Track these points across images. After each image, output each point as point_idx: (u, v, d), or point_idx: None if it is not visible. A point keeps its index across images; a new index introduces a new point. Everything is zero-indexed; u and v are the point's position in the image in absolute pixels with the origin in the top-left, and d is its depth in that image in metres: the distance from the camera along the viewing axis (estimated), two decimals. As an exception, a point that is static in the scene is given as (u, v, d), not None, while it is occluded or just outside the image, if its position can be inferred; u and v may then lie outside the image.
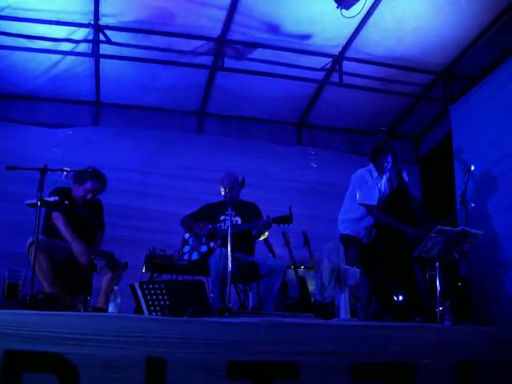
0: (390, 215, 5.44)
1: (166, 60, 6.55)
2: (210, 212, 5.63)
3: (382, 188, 5.69)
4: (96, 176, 5.09)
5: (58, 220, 4.84)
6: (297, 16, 5.93)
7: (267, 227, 5.34)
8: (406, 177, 5.66)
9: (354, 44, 6.35)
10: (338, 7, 5.42)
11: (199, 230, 5.50)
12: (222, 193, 5.51)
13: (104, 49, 6.27)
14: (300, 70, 6.77)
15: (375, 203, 5.52)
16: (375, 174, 5.67)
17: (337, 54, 6.59)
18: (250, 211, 5.61)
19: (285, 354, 3.15)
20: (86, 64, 6.62)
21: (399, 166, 5.67)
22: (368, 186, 5.58)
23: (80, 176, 4.99)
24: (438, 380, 3.33)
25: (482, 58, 6.41)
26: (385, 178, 5.74)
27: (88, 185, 5.05)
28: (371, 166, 5.72)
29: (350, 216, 5.65)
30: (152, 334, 3.02)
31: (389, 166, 5.66)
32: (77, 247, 4.77)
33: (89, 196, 5.08)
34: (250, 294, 5.92)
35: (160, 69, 6.71)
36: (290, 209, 5.12)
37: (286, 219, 5.18)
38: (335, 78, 6.87)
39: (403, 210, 5.43)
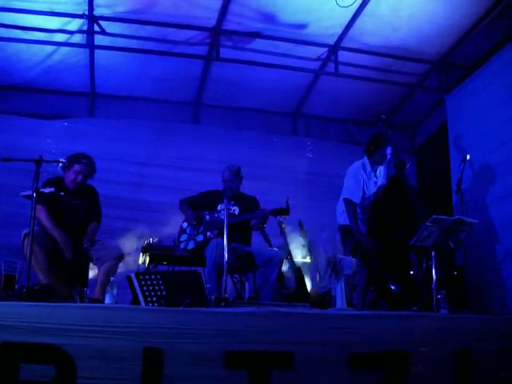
0: (387, 206, 5.45)
1: (161, 50, 6.52)
2: (210, 199, 5.63)
3: (379, 179, 5.69)
4: (83, 158, 5.07)
5: (41, 213, 4.82)
6: (292, 5, 5.91)
7: (264, 219, 5.35)
8: (409, 169, 5.65)
9: (350, 33, 6.32)
10: (333, -4, 5.41)
11: (190, 217, 5.51)
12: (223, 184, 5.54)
13: (99, 39, 6.25)
14: (296, 60, 6.75)
15: (357, 201, 5.52)
16: (369, 168, 5.66)
17: (332, 43, 6.57)
18: (249, 203, 5.62)
19: (281, 343, 3.17)
20: (81, 55, 6.58)
21: (402, 159, 5.64)
22: (357, 182, 5.58)
23: (67, 162, 4.97)
24: (435, 368, 3.35)
25: (478, 47, 6.40)
26: (382, 168, 5.73)
27: (76, 167, 5.04)
28: (365, 159, 5.71)
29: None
30: (149, 325, 3.04)
31: (389, 156, 5.64)
32: (61, 241, 4.79)
33: (79, 178, 5.05)
34: (247, 284, 5.92)
35: (155, 59, 6.67)
36: (287, 201, 5.13)
37: (283, 211, 5.19)
38: (331, 67, 6.85)
39: (400, 201, 5.44)
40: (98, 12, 5.96)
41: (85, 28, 6.11)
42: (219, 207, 5.53)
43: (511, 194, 5.69)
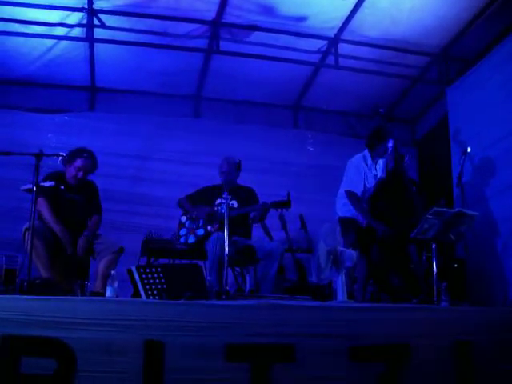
0: (386, 199, 5.44)
1: (161, 44, 6.50)
2: (207, 195, 5.63)
3: (379, 173, 5.68)
4: (85, 154, 5.07)
5: (42, 206, 4.82)
6: (292, -2, 5.90)
7: (265, 211, 5.35)
8: (408, 162, 5.64)
9: (350, 26, 6.31)
10: (333, -11, 5.39)
11: (196, 211, 5.50)
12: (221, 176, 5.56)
13: (98, 33, 6.24)
14: (296, 53, 6.74)
15: (358, 193, 5.51)
16: (369, 161, 5.65)
17: (332, 36, 6.56)
18: (246, 195, 5.63)
19: (282, 336, 3.17)
20: (81, 49, 6.57)
21: (400, 152, 5.63)
22: (358, 174, 5.57)
23: (69, 157, 4.98)
24: (435, 360, 3.35)
25: (478, 40, 6.38)
26: (382, 161, 5.72)
27: (78, 162, 5.03)
28: (366, 151, 5.70)
29: (347, 200, 5.63)
30: (150, 318, 3.04)
31: (390, 149, 5.62)
32: (62, 236, 4.80)
33: (80, 174, 5.05)
34: (247, 277, 5.93)
35: (155, 53, 6.66)
36: (288, 194, 5.13)
37: (284, 204, 5.18)
38: (331, 60, 6.84)
39: (399, 194, 5.43)
40: (97, 5, 5.95)
41: (84, 21, 6.10)
42: (218, 201, 5.53)
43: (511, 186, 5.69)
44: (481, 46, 6.42)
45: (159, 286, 3.61)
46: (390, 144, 5.59)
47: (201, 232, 5.37)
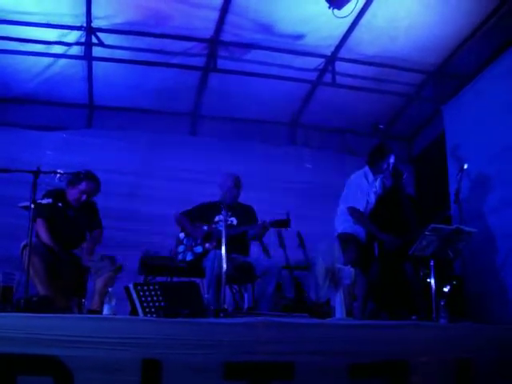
0: (383, 215, 5.44)
1: (159, 62, 6.54)
2: (206, 212, 5.62)
3: (378, 189, 5.68)
4: (90, 177, 5.09)
5: (40, 227, 4.83)
6: (289, 16, 5.94)
7: (264, 230, 5.35)
8: (406, 178, 5.64)
9: (347, 44, 6.36)
10: (329, 7, 5.42)
11: (194, 231, 5.48)
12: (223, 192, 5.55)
13: (96, 51, 6.27)
14: (293, 71, 6.79)
15: (361, 209, 5.51)
16: (371, 178, 5.65)
17: (329, 54, 6.60)
18: (245, 213, 5.62)
19: (280, 354, 3.14)
20: (79, 67, 6.60)
21: (399, 168, 5.64)
22: (361, 191, 5.57)
23: (74, 178, 4.99)
24: (435, 378, 3.33)
25: (474, 57, 6.43)
26: (379, 178, 5.72)
27: (82, 186, 5.04)
28: (367, 168, 5.70)
29: (348, 217, 5.63)
30: (147, 336, 3.01)
31: (391, 166, 5.62)
32: (61, 256, 4.79)
33: (84, 197, 5.07)
34: (245, 295, 5.91)
35: (153, 70, 6.70)
36: (288, 213, 5.13)
37: (284, 223, 5.19)
38: (328, 78, 6.88)
39: (397, 210, 5.43)
40: (95, 24, 5.99)
41: (83, 40, 6.13)
42: (217, 218, 5.52)
43: (509, 203, 5.69)
44: (476, 63, 6.46)
45: (157, 304, 3.60)
46: (392, 160, 5.60)
47: (199, 249, 5.35)
